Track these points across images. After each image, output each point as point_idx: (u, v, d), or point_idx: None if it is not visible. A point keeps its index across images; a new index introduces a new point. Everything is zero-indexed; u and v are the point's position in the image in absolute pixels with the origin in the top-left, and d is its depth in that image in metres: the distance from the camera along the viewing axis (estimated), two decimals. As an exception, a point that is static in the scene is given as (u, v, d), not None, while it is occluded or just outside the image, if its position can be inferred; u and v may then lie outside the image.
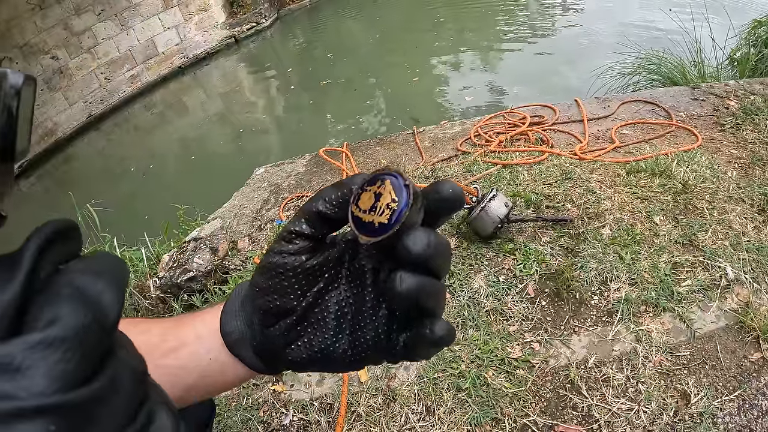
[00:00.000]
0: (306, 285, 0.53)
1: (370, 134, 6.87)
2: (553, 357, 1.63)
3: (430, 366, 1.67)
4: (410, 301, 0.43)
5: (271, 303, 0.53)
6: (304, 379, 1.80)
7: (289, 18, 16.99)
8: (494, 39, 10.09)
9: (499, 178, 2.60)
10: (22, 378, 0.26)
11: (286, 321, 0.54)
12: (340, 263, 0.53)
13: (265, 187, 3.44)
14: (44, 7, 12.63)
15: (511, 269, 1.96)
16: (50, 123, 12.43)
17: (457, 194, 0.42)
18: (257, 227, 2.88)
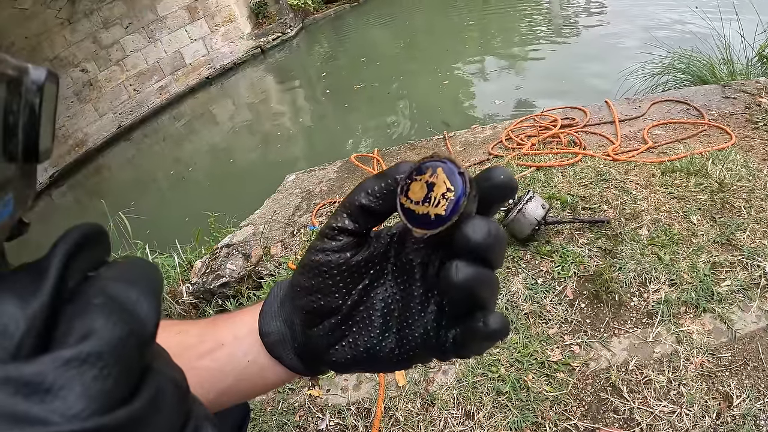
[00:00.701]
0: (351, 283, 0.51)
1: (400, 138, 6.87)
2: (594, 360, 1.61)
3: (469, 370, 1.66)
4: (465, 292, 0.41)
5: (314, 303, 0.52)
6: (341, 383, 1.80)
7: (313, 27, 17.13)
8: (520, 42, 10.08)
9: (534, 181, 2.58)
10: (54, 399, 0.23)
11: (330, 321, 0.52)
12: (385, 258, 0.51)
13: (297, 193, 3.46)
14: (73, 21, 12.89)
15: (549, 271, 1.95)
16: (81, 134, 12.66)
17: (509, 180, 0.41)
18: (290, 233, 2.90)
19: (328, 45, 15.20)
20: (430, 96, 8.56)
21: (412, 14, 15.65)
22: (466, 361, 1.68)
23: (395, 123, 8.07)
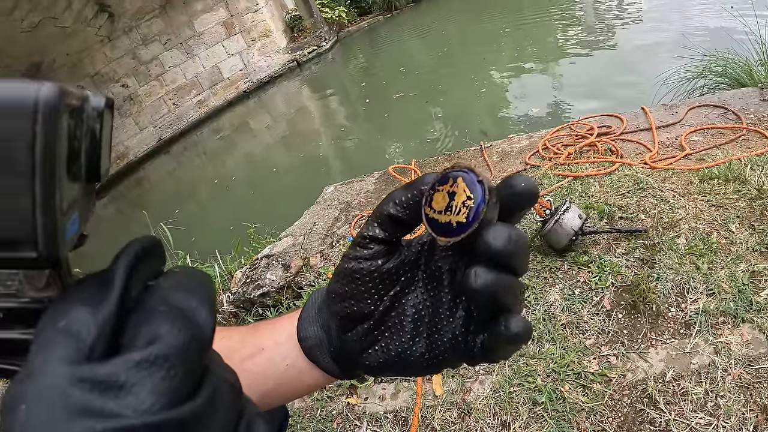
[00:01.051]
0: (382, 289, 0.52)
1: (438, 148, 6.88)
2: (630, 371, 1.61)
3: (506, 380, 1.68)
4: (486, 297, 0.42)
5: (348, 308, 0.53)
6: (379, 392, 1.83)
7: (348, 40, 17.32)
8: (556, 49, 10.05)
9: (571, 191, 2.59)
10: (127, 396, 0.26)
11: (363, 326, 0.54)
12: (416, 266, 0.52)
13: (336, 204, 3.52)
14: (113, 39, 13.28)
15: (586, 282, 1.95)
16: (122, 147, 13.02)
17: (530, 187, 0.42)
18: (329, 244, 2.95)
19: (364, 57, 15.32)
20: (467, 105, 8.57)
21: (447, 24, 15.69)
22: (503, 371, 1.69)
23: (433, 132, 8.06)
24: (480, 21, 14.49)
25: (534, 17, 12.83)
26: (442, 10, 17.77)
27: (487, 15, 14.80)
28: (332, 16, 17.58)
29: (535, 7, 13.72)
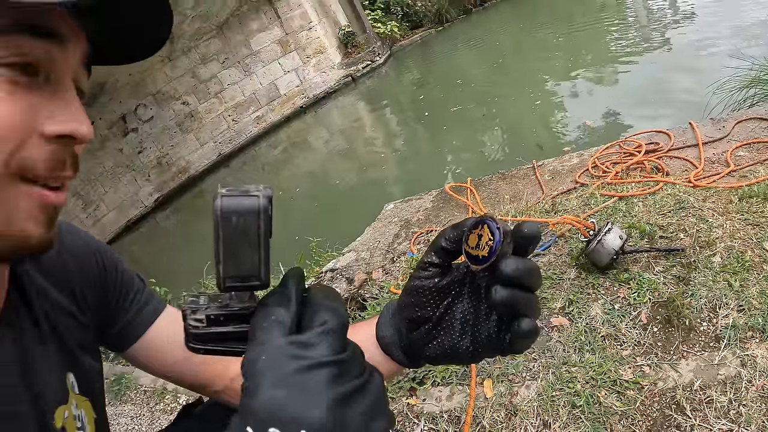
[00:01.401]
0: (439, 300, 0.70)
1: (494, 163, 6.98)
2: (662, 379, 1.76)
3: (549, 385, 1.86)
4: (503, 307, 0.58)
5: (414, 314, 0.71)
6: (435, 394, 2.04)
7: (401, 54, 17.49)
8: (609, 57, 9.96)
9: (615, 211, 2.73)
10: (315, 349, 0.48)
11: (425, 327, 0.71)
12: (462, 283, 0.69)
13: (396, 222, 3.74)
14: (173, 59, 13.88)
15: (626, 297, 2.12)
16: (183, 161, 13.61)
17: (533, 232, 0.58)
18: (390, 259, 3.18)
19: (417, 70, 15.42)
20: (522, 117, 8.64)
21: (499, 35, 15.66)
22: (548, 377, 1.88)
23: (489, 146, 8.16)
24: (532, 31, 14.43)
25: (586, 24, 12.72)
26: (492, 21, 17.72)
27: (538, 24, 14.72)
28: (384, 31, 17.79)
29: (587, 14, 13.59)
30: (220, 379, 1.09)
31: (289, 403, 0.45)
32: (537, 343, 2.08)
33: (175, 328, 0.99)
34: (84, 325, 0.94)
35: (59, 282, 0.91)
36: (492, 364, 2.06)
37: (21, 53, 0.59)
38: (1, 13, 0.57)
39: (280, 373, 0.47)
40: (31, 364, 0.78)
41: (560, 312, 2.19)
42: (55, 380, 0.83)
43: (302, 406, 0.45)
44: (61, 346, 0.87)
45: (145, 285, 1.08)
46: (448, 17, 18.99)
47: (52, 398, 0.81)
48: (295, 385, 0.46)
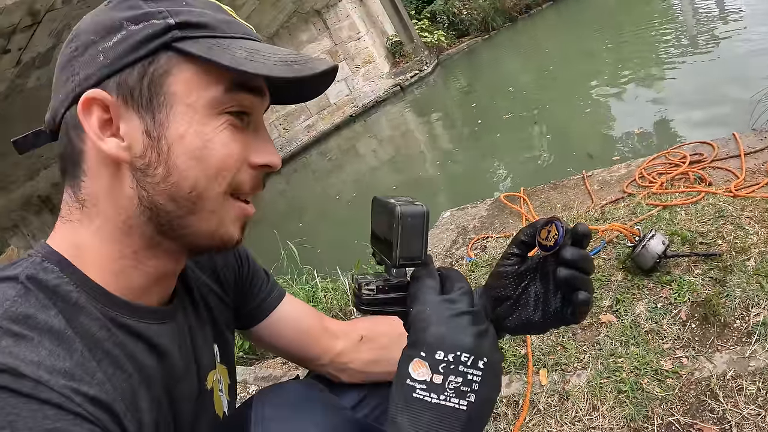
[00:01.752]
0: (518, 282, 0.84)
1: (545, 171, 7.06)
2: (698, 370, 1.98)
3: (597, 374, 2.11)
4: (565, 282, 0.75)
5: (499, 293, 0.85)
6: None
7: (448, 62, 17.68)
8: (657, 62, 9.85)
9: (660, 219, 2.95)
10: (458, 304, 0.72)
11: (507, 303, 0.85)
12: (535, 270, 0.84)
13: (453, 228, 3.98)
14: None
15: (668, 297, 2.35)
16: (237, 169, 13.96)
17: (584, 230, 0.74)
18: (449, 264, 3.44)
19: (465, 79, 15.44)
20: (573, 125, 8.70)
21: (546, 42, 15.60)
22: (596, 367, 2.14)
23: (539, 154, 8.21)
24: (579, 37, 14.31)
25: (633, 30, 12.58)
26: (538, 29, 17.69)
27: (585, 31, 14.62)
28: (431, 40, 18.01)
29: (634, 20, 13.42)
30: (326, 354, 1.28)
31: (448, 335, 0.69)
32: (587, 337, 2.34)
33: (293, 311, 1.27)
34: (226, 304, 1.13)
35: (207, 268, 1.10)
36: (547, 355, 2.32)
37: (240, 104, 0.80)
38: (232, 78, 0.77)
39: (440, 317, 0.71)
40: (194, 335, 0.96)
41: (608, 310, 2.43)
42: (207, 350, 1.01)
43: (457, 336, 0.69)
44: (212, 321, 1.06)
45: (269, 275, 1.27)
46: (493, 25, 19.08)
47: (206, 364, 0.99)
48: (451, 325, 0.70)
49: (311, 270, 4.58)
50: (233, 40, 0.78)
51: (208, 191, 0.78)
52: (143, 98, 0.74)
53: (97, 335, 0.73)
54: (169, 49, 0.74)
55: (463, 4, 19.13)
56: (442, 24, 19.31)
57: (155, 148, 0.75)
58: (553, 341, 2.39)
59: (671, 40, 10.97)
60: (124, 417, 0.70)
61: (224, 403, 1.07)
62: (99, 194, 0.78)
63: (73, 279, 0.75)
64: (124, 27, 0.74)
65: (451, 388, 0.68)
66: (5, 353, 0.62)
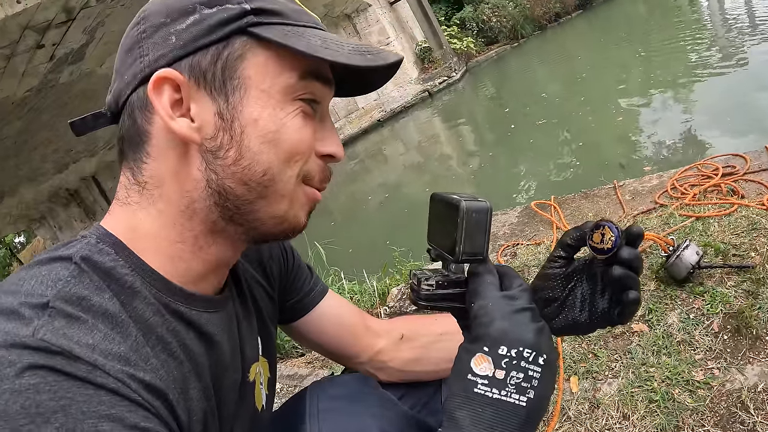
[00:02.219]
0: (565, 284, 0.84)
1: (575, 180, 7.07)
2: (729, 381, 1.98)
3: (629, 383, 2.13)
4: (620, 281, 0.74)
5: (546, 295, 0.84)
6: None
7: (477, 69, 17.69)
8: (688, 72, 9.76)
9: (693, 230, 2.95)
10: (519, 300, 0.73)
11: (554, 305, 0.84)
12: (582, 272, 0.83)
13: (484, 234, 3.99)
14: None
15: (700, 308, 2.35)
16: (266, 173, 14.13)
17: (639, 231, 0.74)
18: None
19: (493, 86, 15.40)
20: (605, 134, 8.68)
21: (577, 51, 15.51)
22: (628, 376, 2.16)
23: (570, 161, 8.21)
24: (609, 46, 14.26)
25: (664, 40, 12.50)
26: (568, 37, 17.60)
27: (615, 39, 14.54)
28: (460, 47, 18.04)
29: (664, 28, 13.34)
30: (366, 352, 1.26)
31: (511, 330, 0.70)
32: (619, 345, 2.36)
33: (336, 307, 1.26)
34: (271, 297, 1.11)
35: (254, 260, 1.08)
36: (578, 362, 2.34)
37: (311, 92, 0.80)
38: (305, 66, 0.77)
39: (503, 313, 0.71)
40: (241, 327, 0.94)
41: (640, 319, 2.45)
42: (252, 341, 0.99)
43: (520, 332, 0.70)
44: (257, 313, 1.04)
45: (312, 271, 1.25)
46: (523, 33, 19.07)
47: (250, 356, 0.97)
48: (513, 320, 0.71)
49: (338, 271, 4.65)
50: (305, 28, 0.78)
51: (281, 175, 0.78)
52: (216, 81, 0.74)
53: (151, 321, 0.72)
54: (244, 34, 0.74)
55: (493, 12, 19.15)
56: (471, 31, 19.34)
57: (228, 131, 0.75)
58: (585, 349, 2.42)
59: (702, 50, 10.89)
60: (177, 405, 0.69)
61: (263, 397, 1.05)
62: (164, 176, 0.77)
63: (128, 262, 0.74)
64: (198, 10, 0.74)
65: (512, 383, 0.68)
66: (59, 335, 0.60)
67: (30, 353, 0.57)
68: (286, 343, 3.80)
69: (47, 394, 0.55)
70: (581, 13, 19.59)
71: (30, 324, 0.60)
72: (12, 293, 0.64)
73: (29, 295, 0.64)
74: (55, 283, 0.65)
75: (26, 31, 9.30)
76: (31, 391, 0.55)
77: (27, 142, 14.79)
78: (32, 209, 21.68)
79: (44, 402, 0.54)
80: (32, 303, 0.62)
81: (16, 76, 10.65)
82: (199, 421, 0.75)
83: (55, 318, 0.61)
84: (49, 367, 0.57)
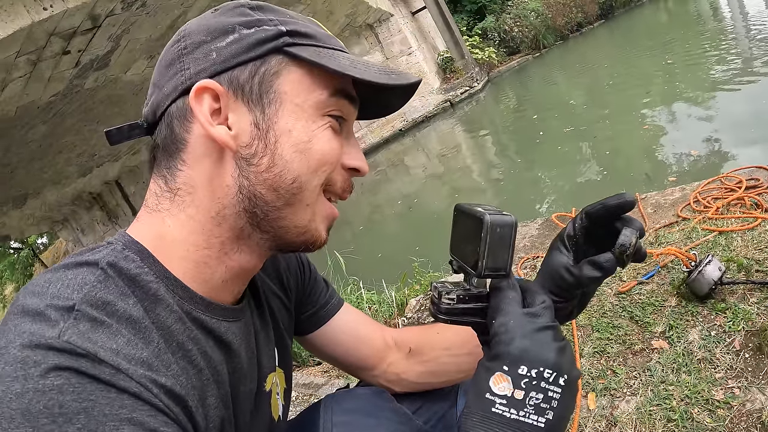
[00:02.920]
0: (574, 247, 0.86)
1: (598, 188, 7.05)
2: (750, 401, 1.94)
3: (647, 401, 2.09)
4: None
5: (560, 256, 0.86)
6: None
7: (498, 80, 17.70)
8: (711, 84, 9.68)
9: (715, 245, 2.91)
10: (541, 318, 0.71)
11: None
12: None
13: (504, 246, 3.97)
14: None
15: (722, 325, 2.31)
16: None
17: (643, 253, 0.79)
18: (496, 283, 3.43)
19: (515, 97, 15.39)
20: (630, 143, 8.65)
21: (600, 60, 15.45)
22: (646, 393, 2.12)
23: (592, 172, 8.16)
24: (631, 55, 14.16)
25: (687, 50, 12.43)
26: (589, 47, 17.55)
27: (638, 49, 14.45)
28: (482, 57, 18.05)
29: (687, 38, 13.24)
30: (379, 365, 1.27)
31: (532, 349, 0.68)
32: (638, 362, 2.32)
33: (351, 320, 1.28)
34: (288, 309, 1.14)
35: (271, 273, 1.11)
36: (596, 379, 2.31)
37: (340, 109, 0.85)
38: (336, 84, 0.83)
39: (524, 331, 0.70)
40: (258, 337, 0.97)
41: (661, 336, 2.41)
42: (269, 352, 1.02)
43: (541, 351, 0.68)
44: (274, 324, 1.07)
45: (328, 284, 1.28)
46: (544, 43, 19.05)
47: (266, 365, 1.00)
48: (534, 339, 0.69)
49: (357, 281, 4.64)
50: (334, 51, 0.84)
51: (308, 183, 0.82)
52: (253, 94, 0.79)
53: (173, 328, 0.75)
54: (280, 53, 0.80)
55: (515, 22, 19.14)
56: (493, 41, 19.34)
57: (263, 139, 0.79)
58: (603, 365, 2.38)
59: (725, 60, 10.80)
60: (196, 411, 0.72)
61: (280, 407, 1.07)
62: (197, 182, 0.81)
63: (153, 270, 0.77)
64: (237, 30, 0.80)
65: (531, 404, 0.67)
66: (84, 338, 0.62)
67: (55, 354, 0.59)
68: (303, 352, 3.80)
69: (71, 395, 0.57)
70: (603, 22, 19.54)
71: (56, 326, 0.62)
72: (38, 295, 0.67)
73: (56, 297, 0.66)
74: (81, 287, 0.68)
75: (52, 38, 9.49)
76: (55, 391, 0.57)
77: (52, 146, 15.07)
78: (55, 211, 22.06)
79: (67, 403, 0.56)
80: (58, 305, 0.65)
81: (42, 81, 10.87)
82: (215, 428, 0.78)
83: (80, 321, 0.63)
84: (74, 369, 0.59)
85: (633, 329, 2.52)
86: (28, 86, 10.78)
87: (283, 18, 0.82)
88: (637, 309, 2.60)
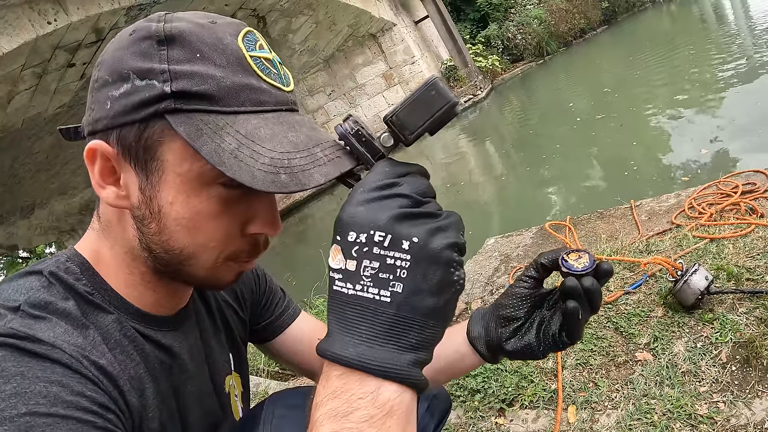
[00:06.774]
0: (528, 305, 0.91)
1: (596, 198, 7.01)
2: (735, 416, 1.86)
3: (628, 415, 2.01)
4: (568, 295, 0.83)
5: (509, 313, 0.92)
6: (522, 416, 2.24)
7: (502, 87, 17.68)
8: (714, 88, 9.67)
9: (706, 252, 2.82)
10: (393, 188, 0.62)
11: (513, 325, 0.92)
12: (544, 298, 0.92)
13: (496, 256, 3.94)
14: (281, 90, 14.81)
15: (708, 336, 2.23)
16: (289, 188, 14.32)
17: (609, 269, 0.83)
18: (489, 291, 3.38)
19: (519, 104, 15.39)
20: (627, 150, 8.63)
21: (604, 67, 15.44)
22: (628, 407, 2.04)
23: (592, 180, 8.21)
24: (634, 61, 14.19)
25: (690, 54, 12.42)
26: (593, 54, 17.55)
27: (641, 54, 14.44)
28: (486, 65, 18.04)
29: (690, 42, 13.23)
30: None
31: (364, 214, 0.60)
32: (621, 375, 2.25)
33: (307, 328, 1.30)
34: (242, 319, 1.18)
35: None
36: (577, 391, 2.24)
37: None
38: None
39: (363, 198, 0.61)
40: (207, 341, 1.02)
41: (645, 347, 2.33)
42: (223, 355, 1.08)
43: (373, 214, 0.59)
44: (227, 331, 1.12)
45: (285, 294, 1.31)
46: (548, 50, 19.02)
47: (221, 369, 1.06)
48: (372, 204, 0.60)
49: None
50: (235, 116, 0.72)
51: (199, 255, 0.80)
52: (139, 158, 0.75)
53: (110, 327, 0.80)
54: (163, 118, 0.72)
55: (518, 29, 19.11)
56: (496, 49, 19.33)
57: (148, 206, 0.77)
58: (585, 377, 2.31)
59: (728, 64, 10.73)
60: (128, 393, 0.77)
61: (240, 409, 1.13)
62: (112, 220, 0.84)
63: (90, 281, 0.82)
64: (131, 79, 0.72)
65: (367, 275, 0.59)
66: (25, 326, 0.70)
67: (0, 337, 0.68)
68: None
69: (11, 362, 0.65)
70: (606, 28, 19.48)
71: (3, 319, 0.71)
72: None
73: (6, 300, 0.75)
74: (27, 291, 0.76)
75: (57, 51, 9.60)
76: None
77: (58, 157, 15.22)
78: (62, 221, 22.27)
79: (8, 368, 0.65)
80: (7, 306, 0.73)
81: (47, 93, 11.00)
82: (155, 419, 0.83)
83: (24, 318, 0.72)
84: (15, 346, 0.67)
85: (617, 341, 2.44)
86: (34, 98, 10.92)
87: (180, 67, 0.71)
88: (623, 320, 2.52)
